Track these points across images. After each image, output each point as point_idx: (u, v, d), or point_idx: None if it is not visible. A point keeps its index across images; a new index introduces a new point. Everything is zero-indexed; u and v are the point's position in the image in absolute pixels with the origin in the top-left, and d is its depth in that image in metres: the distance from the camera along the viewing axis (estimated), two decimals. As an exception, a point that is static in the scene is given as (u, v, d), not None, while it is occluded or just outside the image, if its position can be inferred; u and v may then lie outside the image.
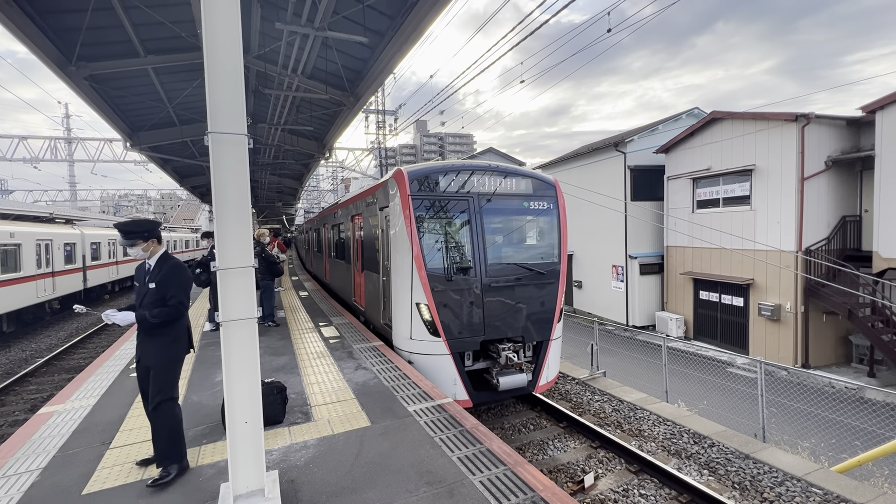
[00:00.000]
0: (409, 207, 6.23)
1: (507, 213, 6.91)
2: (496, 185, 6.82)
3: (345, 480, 3.38)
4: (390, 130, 27.53)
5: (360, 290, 9.53)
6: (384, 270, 7.28)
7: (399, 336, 6.68)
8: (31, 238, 15.32)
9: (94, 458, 3.79)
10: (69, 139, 23.41)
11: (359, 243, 9.41)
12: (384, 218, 7.20)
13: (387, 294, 7.19)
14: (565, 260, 7.04)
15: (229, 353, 2.84)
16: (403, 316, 6.43)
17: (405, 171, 6.46)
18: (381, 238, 7.38)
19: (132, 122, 12.77)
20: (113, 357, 6.97)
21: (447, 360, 6.17)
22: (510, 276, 6.56)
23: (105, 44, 8.40)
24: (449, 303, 6.19)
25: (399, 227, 6.39)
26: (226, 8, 2.78)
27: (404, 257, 6.29)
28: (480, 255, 6.44)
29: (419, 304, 6.18)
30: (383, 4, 7.47)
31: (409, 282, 6.25)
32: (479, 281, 6.36)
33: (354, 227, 9.92)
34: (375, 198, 7.76)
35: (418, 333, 6.27)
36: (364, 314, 9.24)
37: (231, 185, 2.85)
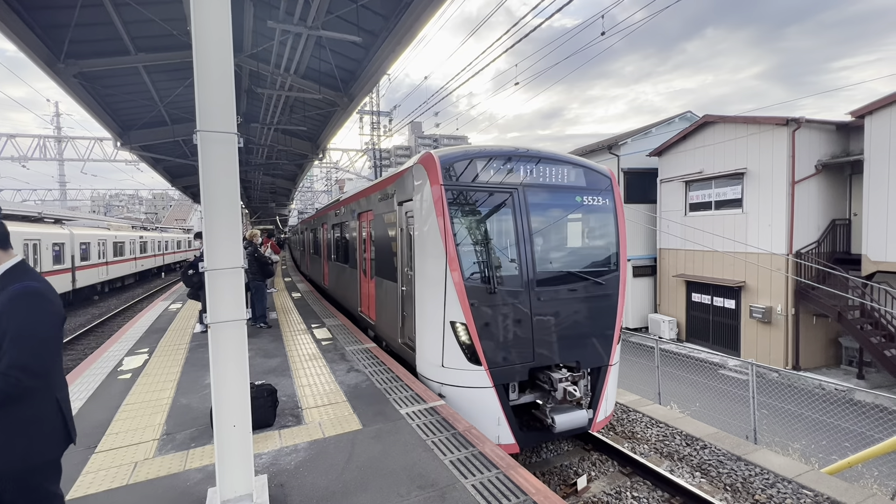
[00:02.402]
0: (442, 200, 5.08)
1: (557, 208, 5.75)
2: (543, 174, 5.65)
3: (335, 485, 3.33)
4: (385, 132, 27.49)
5: (368, 299, 8.36)
6: (404, 278, 6.16)
7: (426, 362, 5.49)
8: (19, 238, 15.09)
9: (79, 462, 3.71)
10: (59, 138, 23.12)
11: (368, 245, 8.32)
12: (404, 215, 6.13)
13: (407, 307, 6.06)
14: (625, 266, 5.94)
15: (217, 356, 2.79)
16: (432, 337, 5.25)
17: (436, 156, 5.26)
18: (399, 239, 6.29)
19: (123, 121, 12.63)
20: (101, 359, 6.86)
21: (489, 393, 5.01)
22: (563, 287, 5.43)
23: (94, 41, 8.29)
24: (491, 321, 5.04)
25: (428, 226, 5.23)
26: (216, 5, 2.74)
27: (435, 263, 5.13)
28: (528, 260, 5.30)
29: (454, 323, 5.01)
30: (377, 4, 7.45)
31: (440, 294, 5.07)
32: (526, 293, 5.21)
33: (362, 226, 8.82)
34: (392, 190, 6.61)
35: (453, 360, 5.07)
36: (375, 329, 7.91)
37: (220, 185, 2.80)
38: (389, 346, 7.24)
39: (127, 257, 27.02)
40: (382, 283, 7.25)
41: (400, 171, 6.41)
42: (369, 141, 27.43)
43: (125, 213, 68.75)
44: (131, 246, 27.95)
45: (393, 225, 6.61)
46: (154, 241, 34.14)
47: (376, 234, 7.61)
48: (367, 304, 8.49)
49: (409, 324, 6.06)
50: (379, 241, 7.46)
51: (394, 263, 6.54)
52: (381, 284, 7.37)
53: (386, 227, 6.97)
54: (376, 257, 7.65)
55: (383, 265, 7.19)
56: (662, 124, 19.94)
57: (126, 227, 29.86)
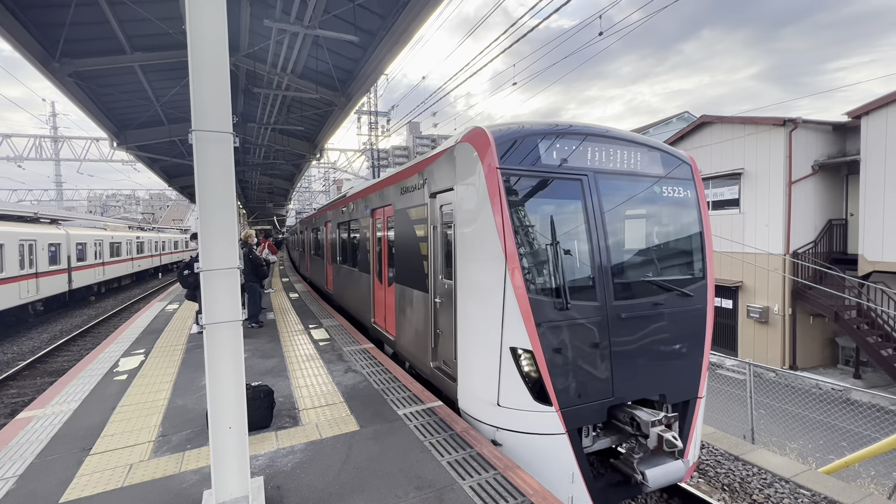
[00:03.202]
0: (499, 189, 4.05)
1: (634, 201, 4.74)
2: (616, 158, 4.65)
3: (332, 486, 3.31)
4: (383, 132, 27.47)
5: (385, 310, 7.33)
6: (438, 287, 5.20)
7: (474, 398, 4.40)
8: (14, 238, 15.00)
9: (73, 464, 3.68)
10: (55, 138, 23.00)
11: (384, 246, 7.37)
12: (438, 209, 5.15)
13: (443, 323, 5.10)
14: (712, 273, 4.94)
15: (213, 357, 2.77)
16: (484, 366, 4.21)
17: (489, 132, 4.28)
18: (432, 239, 5.29)
19: (119, 121, 12.56)
20: (97, 360, 6.82)
21: (561, 442, 3.98)
22: (646, 301, 4.45)
23: (90, 40, 8.24)
24: (563, 346, 4.02)
25: (480, 222, 4.20)
26: (211, 3, 2.72)
27: (489, 270, 4.10)
28: (604, 267, 4.30)
29: (516, 350, 3.96)
30: (375, 4, 7.42)
31: (496, 310, 4.04)
32: (603, 309, 4.21)
33: (376, 224, 7.84)
34: (421, 180, 5.57)
35: (513, 397, 4.03)
36: (394, 346, 6.80)
37: (216, 185, 2.78)
38: (415, 370, 6.08)
39: (123, 258, 26.90)
40: (406, 292, 6.18)
41: (433, 155, 5.34)
42: (367, 141, 27.41)
43: (122, 213, 68.53)
44: (128, 246, 27.84)
45: (422, 221, 5.58)
46: (151, 241, 34.01)
47: (397, 234, 6.59)
48: (383, 315, 7.44)
49: (445, 345, 5.05)
50: (401, 241, 6.41)
51: (422, 269, 5.56)
52: (403, 294, 6.31)
53: (411, 225, 5.97)
54: (397, 261, 6.63)
55: (407, 270, 6.15)
56: (660, 125, 20.00)
57: (123, 228, 29.74)
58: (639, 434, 4.10)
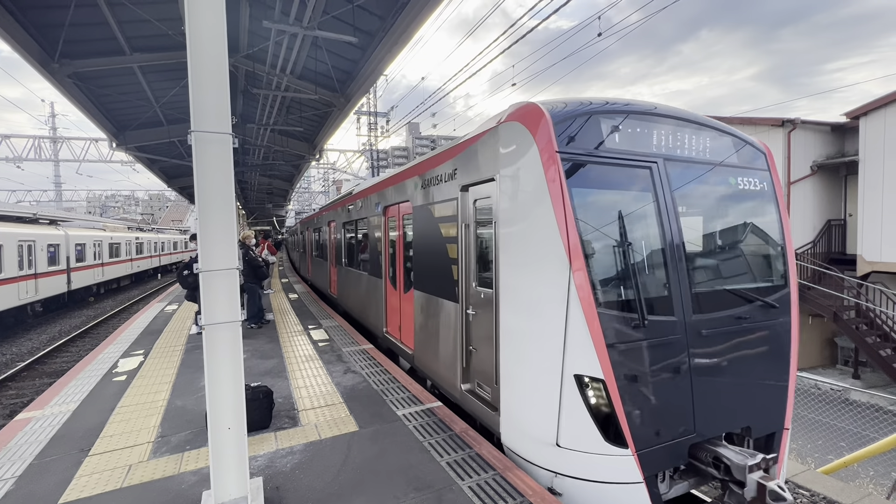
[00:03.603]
0: (560, 178, 3.32)
1: (709, 194, 4.06)
2: (686, 144, 3.97)
3: (332, 487, 3.31)
4: (382, 132, 27.48)
5: (401, 319, 6.63)
6: (471, 297, 4.49)
7: (524, 433, 3.65)
8: (13, 239, 14.98)
9: (72, 465, 3.68)
10: (54, 138, 23.00)
11: (400, 248, 6.66)
12: (472, 204, 4.44)
13: (478, 340, 4.40)
14: (796, 281, 4.27)
15: (212, 357, 2.77)
16: (539, 397, 3.46)
17: (545, 108, 3.54)
18: (464, 239, 4.57)
19: (118, 122, 12.57)
20: (95, 361, 6.81)
21: (639, 492, 3.26)
22: (728, 314, 3.75)
23: (89, 41, 8.25)
24: (639, 373, 3.33)
25: (534, 218, 3.48)
26: (210, 5, 2.73)
27: (548, 278, 3.35)
28: (680, 272, 3.61)
29: (582, 379, 3.23)
30: (373, 4, 7.44)
31: (556, 328, 3.29)
32: (681, 325, 3.51)
33: (389, 223, 7.19)
34: (450, 170, 4.80)
35: (578, 436, 3.29)
36: (413, 360, 6.05)
37: (215, 186, 2.78)
38: (441, 390, 5.29)
39: (123, 258, 26.87)
40: (428, 300, 5.46)
41: (464, 141, 4.58)
42: (366, 142, 27.43)
43: (121, 213, 68.50)
44: (127, 247, 27.81)
45: (449, 219, 4.84)
46: (150, 242, 33.98)
47: (417, 234, 5.82)
48: (398, 324, 6.76)
49: (481, 365, 4.36)
50: (421, 242, 5.68)
51: (450, 274, 4.83)
52: (424, 302, 5.59)
53: (435, 224, 5.22)
54: (416, 265, 5.87)
55: (430, 276, 5.42)
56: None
57: (122, 228, 29.70)
58: (729, 480, 3.33)
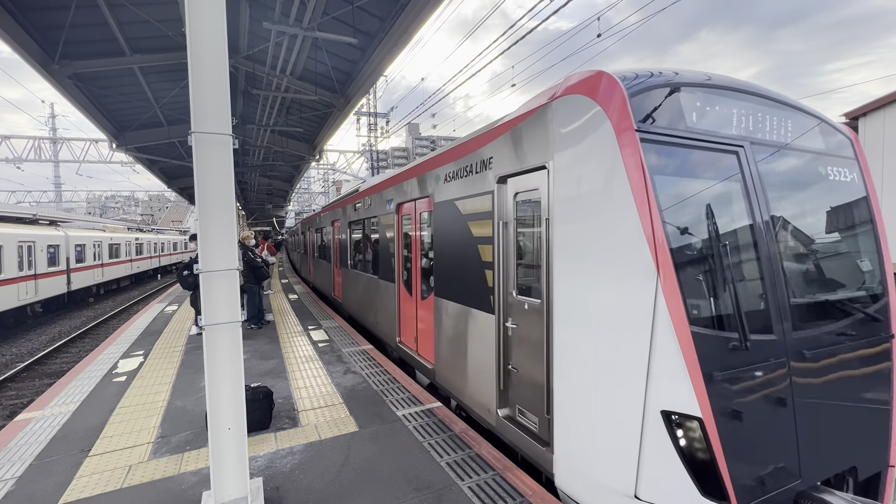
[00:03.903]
0: (641, 164, 2.70)
1: (796, 186, 3.39)
2: (772, 127, 3.32)
3: (331, 487, 3.32)
4: (382, 133, 27.51)
5: (417, 329, 6.02)
6: (510, 308, 3.86)
7: (588, 478, 2.97)
8: (13, 240, 14.98)
9: (72, 466, 3.68)
10: (54, 139, 23.01)
11: (416, 249, 6.08)
12: (510, 199, 3.83)
13: (516, 358, 3.79)
14: (894, 289, 3.56)
15: (212, 358, 2.78)
16: (610, 435, 2.82)
17: (617, 77, 2.89)
18: (501, 240, 3.92)
19: (118, 122, 12.58)
20: (95, 361, 6.82)
21: None
22: (828, 330, 3.13)
23: (89, 42, 8.26)
24: (742, 408, 2.70)
25: (609, 214, 2.81)
26: (211, 6, 2.74)
27: (627, 288, 2.73)
28: (777, 282, 2.98)
29: (671, 416, 2.60)
30: (373, 6, 7.45)
31: (637, 351, 2.66)
32: (782, 345, 2.89)
33: (403, 221, 6.56)
34: (484, 158, 4.14)
35: (665, 487, 2.64)
36: (434, 376, 5.40)
37: (215, 186, 2.79)
38: (469, 413, 4.68)
39: (122, 259, 26.87)
40: (454, 309, 4.83)
41: (503, 124, 3.87)
42: (366, 142, 27.45)
43: (121, 214, 68.49)
44: (127, 248, 27.81)
45: (481, 216, 4.19)
46: (150, 242, 33.98)
47: (439, 233, 5.17)
48: (414, 335, 6.17)
49: (524, 388, 3.70)
50: (445, 243, 5.03)
51: (482, 280, 4.20)
52: (448, 311, 4.96)
53: (463, 222, 4.57)
54: (438, 268, 5.23)
55: (456, 281, 4.77)
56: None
57: (122, 229, 29.70)
58: None
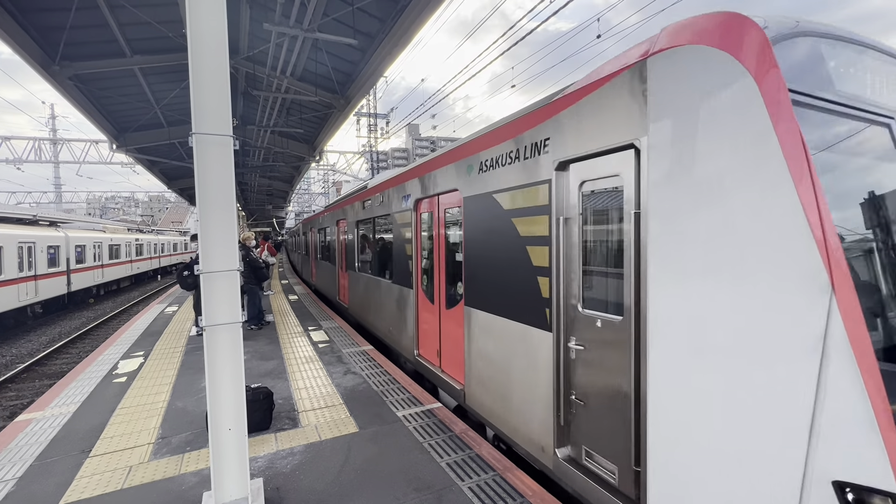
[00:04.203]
0: (797, 133, 2.00)
1: None
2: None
3: (332, 488, 3.32)
4: (382, 134, 27.52)
5: (442, 342, 5.36)
6: (573, 325, 3.18)
7: None
8: (13, 240, 14.99)
9: (72, 466, 3.69)
10: (54, 140, 23.03)
11: (440, 252, 5.33)
12: (573, 190, 3.17)
13: (582, 387, 3.11)
14: None
15: (213, 359, 2.78)
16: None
17: (755, 20, 2.23)
18: (561, 240, 3.23)
19: (118, 123, 12.60)
20: (95, 362, 6.82)
21: None
22: None
23: (90, 43, 8.28)
24: None
25: (751, 202, 2.07)
26: (211, 7, 2.75)
27: (785, 304, 1.93)
28: None
29: (850, 489, 1.71)
30: (373, 7, 7.46)
31: (799, 396, 1.85)
32: None
33: (422, 220, 5.88)
34: (536, 140, 3.44)
35: None
36: (464, 398, 4.67)
37: (216, 187, 2.79)
38: (513, 446, 3.91)
39: (122, 260, 26.87)
40: (494, 324, 4.08)
41: (573, 93, 3.07)
42: (366, 143, 27.46)
43: (121, 215, 68.50)
44: (127, 248, 27.81)
45: (534, 211, 3.45)
46: (150, 243, 33.98)
47: (470, 232, 4.48)
48: (436, 348, 5.52)
49: (594, 425, 3.01)
50: (479, 243, 4.34)
51: (533, 289, 3.47)
52: (486, 325, 4.23)
53: (505, 218, 3.85)
54: (471, 273, 4.48)
55: (497, 289, 4.03)
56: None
57: (122, 230, 29.71)
58: None
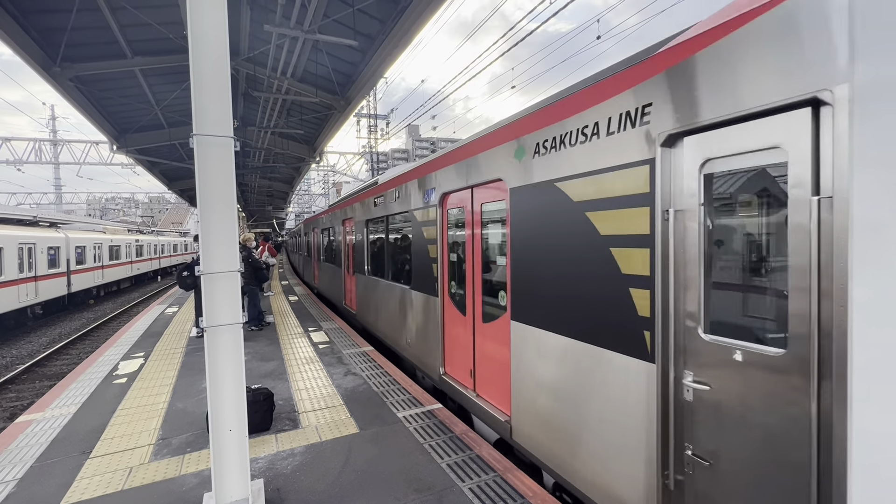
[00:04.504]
0: None
1: None
2: None
3: (332, 489, 3.32)
4: (382, 135, 27.55)
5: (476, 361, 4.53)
6: (697, 357, 2.29)
7: None
8: (13, 242, 14.99)
9: (73, 467, 3.68)
10: (54, 141, 23.05)
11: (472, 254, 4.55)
12: (696, 171, 2.28)
13: (710, 444, 2.23)
14: None
15: (214, 360, 2.78)
16: None
17: None
18: (668, 242, 2.41)
19: (119, 124, 12.61)
20: (96, 363, 6.82)
21: None
22: None
23: (91, 45, 8.29)
24: None
25: None
26: (212, 9, 2.75)
27: None
28: None
29: None
30: (374, 8, 7.47)
31: None
32: None
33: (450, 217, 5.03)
34: (632, 108, 2.63)
35: None
36: (512, 433, 3.84)
37: (217, 188, 2.80)
38: None
39: (123, 261, 26.88)
40: (559, 346, 3.25)
41: (699, 36, 2.28)
42: (366, 144, 27.49)
43: (121, 216, 68.53)
44: (127, 249, 27.82)
45: (622, 202, 2.72)
46: (150, 244, 33.99)
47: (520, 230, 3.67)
48: (469, 368, 4.67)
49: (723, 495, 2.21)
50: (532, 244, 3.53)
51: (622, 303, 2.72)
52: (543, 346, 3.42)
53: (575, 212, 3.08)
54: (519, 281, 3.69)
55: (560, 303, 3.25)
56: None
57: (122, 231, 29.71)
58: None
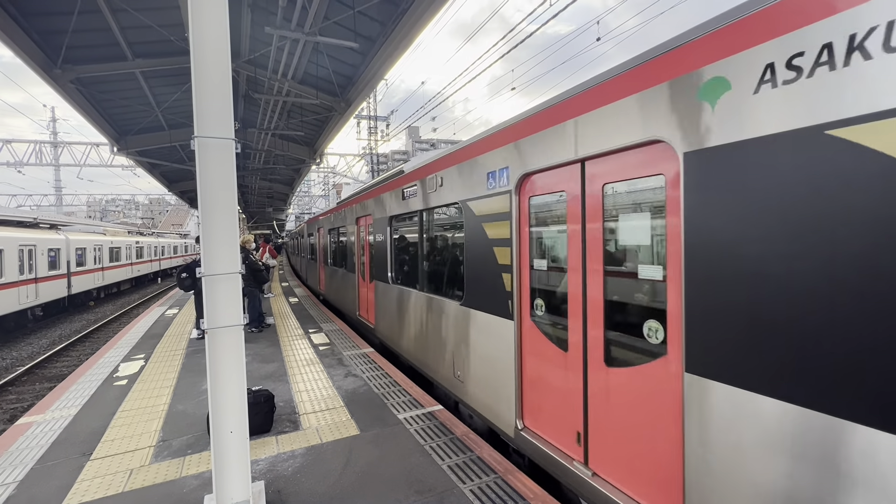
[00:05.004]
0: None
1: None
2: None
3: (333, 490, 3.32)
4: (382, 136, 27.58)
5: (603, 425, 2.95)
6: None
7: None
8: (14, 243, 15.00)
9: (74, 469, 3.68)
10: (55, 143, 23.08)
11: (592, 264, 3.02)
12: None
13: None
14: None
15: (215, 361, 2.78)
16: None
17: None
18: None
19: (119, 126, 12.63)
20: (96, 365, 6.81)
21: None
22: None
23: (92, 47, 8.31)
24: None
25: None
26: (214, 11, 2.76)
27: None
28: None
29: None
30: (374, 10, 7.49)
31: None
32: None
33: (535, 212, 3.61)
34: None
35: None
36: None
37: (217, 190, 2.80)
38: None
39: (123, 262, 26.88)
40: (824, 430, 1.71)
41: None
42: (366, 146, 27.52)
43: (121, 218, 68.59)
44: (127, 251, 27.82)
45: None
46: (150, 246, 34.00)
47: (720, 224, 2.09)
48: (575, 428, 3.26)
49: None
50: (747, 249, 1.97)
51: None
52: (777, 426, 1.86)
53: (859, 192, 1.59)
54: (722, 311, 2.07)
55: (826, 353, 1.70)
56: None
57: (122, 233, 29.71)
58: None
